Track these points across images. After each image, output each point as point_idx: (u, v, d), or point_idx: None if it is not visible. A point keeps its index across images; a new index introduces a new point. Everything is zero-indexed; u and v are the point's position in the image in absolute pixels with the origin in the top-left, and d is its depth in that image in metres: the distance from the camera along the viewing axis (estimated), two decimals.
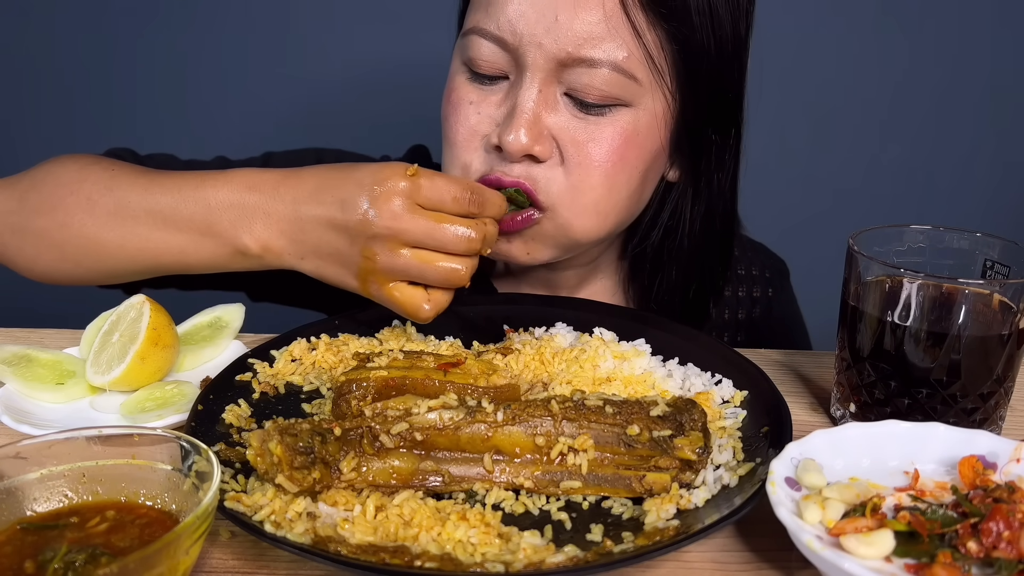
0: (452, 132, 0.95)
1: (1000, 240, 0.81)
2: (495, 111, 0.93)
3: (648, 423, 0.69)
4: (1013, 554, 0.56)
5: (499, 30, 0.89)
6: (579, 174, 0.91)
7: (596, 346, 0.86)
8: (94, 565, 0.53)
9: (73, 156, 0.98)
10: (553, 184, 0.92)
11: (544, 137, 0.90)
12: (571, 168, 0.91)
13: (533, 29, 0.88)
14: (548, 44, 0.88)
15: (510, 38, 0.89)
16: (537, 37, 0.88)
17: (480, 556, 0.59)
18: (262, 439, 0.63)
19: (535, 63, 0.89)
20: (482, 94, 0.94)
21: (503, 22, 0.89)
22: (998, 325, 0.75)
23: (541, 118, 0.90)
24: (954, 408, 0.76)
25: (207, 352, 0.93)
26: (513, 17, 0.88)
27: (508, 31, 0.89)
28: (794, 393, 0.91)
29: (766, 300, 1.21)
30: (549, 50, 0.88)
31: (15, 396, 0.82)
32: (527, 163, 0.92)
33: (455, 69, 0.97)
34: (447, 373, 0.74)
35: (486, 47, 0.91)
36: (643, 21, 0.88)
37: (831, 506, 0.60)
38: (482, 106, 0.93)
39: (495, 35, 0.90)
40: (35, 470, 0.60)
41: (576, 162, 0.91)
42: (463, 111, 0.94)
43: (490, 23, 0.90)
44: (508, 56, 0.91)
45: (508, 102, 0.92)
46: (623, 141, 0.91)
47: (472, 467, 0.68)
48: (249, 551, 0.63)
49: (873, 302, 0.78)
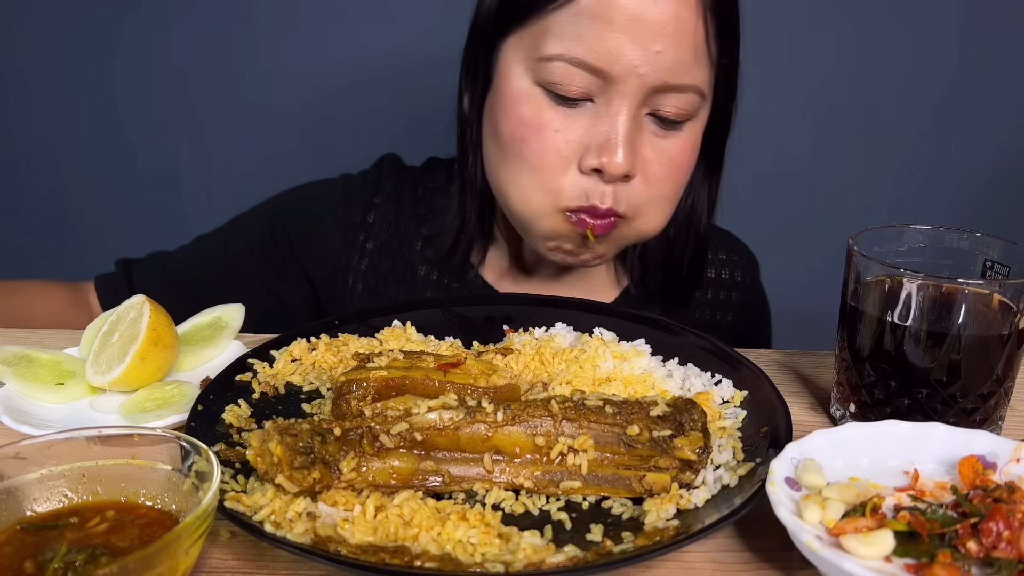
0: (538, 157, 0.97)
1: (1000, 240, 0.81)
2: (583, 135, 0.96)
3: (648, 423, 0.69)
4: (1013, 554, 0.56)
5: (596, 60, 0.92)
6: (658, 186, 1.00)
7: (596, 346, 0.86)
8: (94, 565, 0.53)
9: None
10: (634, 197, 0.99)
11: (636, 158, 0.96)
12: (651, 182, 0.99)
13: (632, 60, 0.92)
14: (647, 74, 0.92)
15: (608, 68, 0.92)
16: (637, 68, 0.92)
17: (480, 556, 0.59)
18: (262, 439, 0.63)
19: (631, 91, 0.93)
20: (568, 119, 0.96)
21: (601, 52, 0.91)
22: (998, 325, 0.75)
23: (633, 140, 0.96)
24: (954, 408, 0.76)
25: (207, 352, 0.93)
26: (612, 48, 0.91)
27: (606, 61, 0.92)
28: (794, 393, 0.91)
29: (744, 286, 1.27)
30: (648, 79, 0.93)
31: (15, 396, 0.82)
32: (618, 182, 0.97)
33: (524, 89, 0.97)
34: (447, 373, 0.74)
35: (577, 74, 0.93)
36: (715, 49, 0.97)
37: (831, 506, 0.60)
38: (569, 132, 0.96)
39: (591, 65, 0.92)
40: (35, 470, 0.60)
41: (657, 177, 0.99)
42: (550, 137, 0.96)
43: (582, 51, 0.92)
44: (599, 82, 0.94)
45: (600, 126, 0.95)
46: (690, 151, 1.02)
47: (472, 467, 0.68)
48: (249, 551, 0.63)
49: (873, 302, 0.78)
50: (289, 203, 1.26)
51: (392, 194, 1.23)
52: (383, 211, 1.22)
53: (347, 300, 1.22)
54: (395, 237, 1.21)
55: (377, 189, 1.23)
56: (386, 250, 1.21)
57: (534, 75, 0.96)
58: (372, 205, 1.22)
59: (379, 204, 1.23)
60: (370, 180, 1.25)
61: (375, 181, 1.24)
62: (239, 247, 1.24)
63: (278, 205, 1.27)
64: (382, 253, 1.21)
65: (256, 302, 1.03)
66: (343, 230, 1.22)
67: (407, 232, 1.21)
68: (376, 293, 1.21)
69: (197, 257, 1.26)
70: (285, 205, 1.26)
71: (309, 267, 1.23)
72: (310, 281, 1.25)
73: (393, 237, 1.21)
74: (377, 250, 1.21)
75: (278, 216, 1.24)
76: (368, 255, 1.21)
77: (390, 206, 1.23)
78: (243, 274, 1.24)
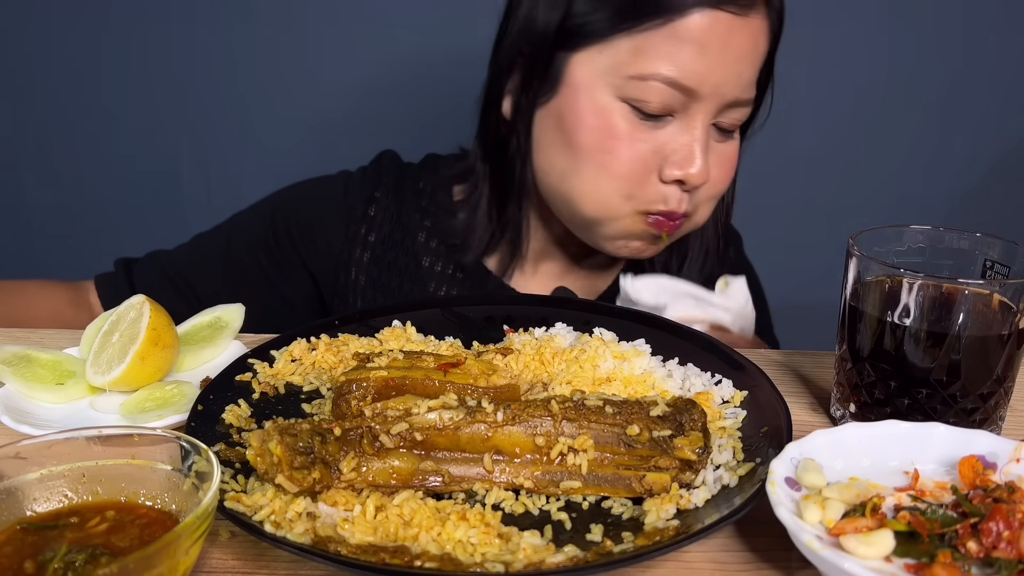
0: (620, 166, 1.04)
1: (1000, 240, 0.81)
2: (662, 146, 1.03)
3: (648, 423, 0.68)
4: (1013, 554, 0.56)
5: (686, 80, 0.99)
6: (718, 187, 1.10)
7: (596, 346, 0.86)
8: (94, 565, 0.53)
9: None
10: (696, 198, 1.08)
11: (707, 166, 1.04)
12: (714, 184, 1.08)
13: (720, 82, 1.00)
14: (727, 92, 1.01)
15: (698, 88, 1.00)
16: (719, 88, 1.00)
17: (480, 556, 0.59)
18: (262, 439, 0.63)
19: (710, 108, 1.02)
20: (651, 132, 1.03)
21: (692, 73, 0.99)
22: (998, 325, 0.75)
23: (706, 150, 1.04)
24: (954, 408, 0.76)
25: (207, 352, 0.93)
26: (704, 71, 0.99)
27: (696, 82, 0.99)
28: (794, 393, 0.91)
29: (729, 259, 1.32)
30: (725, 97, 1.02)
31: (15, 396, 0.82)
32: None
33: (607, 104, 1.03)
34: (447, 373, 0.74)
35: (665, 92, 1.00)
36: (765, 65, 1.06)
37: (831, 506, 0.60)
38: (654, 143, 1.03)
39: (683, 85, 0.99)
40: (35, 470, 0.60)
41: (716, 179, 1.08)
42: (634, 147, 1.03)
43: (675, 71, 0.99)
44: (683, 98, 1.01)
45: (682, 138, 1.03)
46: (736, 155, 1.11)
47: (472, 467, 0.68)
48: (249, 551, 0.63)
49: (873, 302, 0.78)
50: (289, 199, 1.27)
51: (392, 188, 1.24)
52: (384, 204, 1.24)
53: (350, 293, 1.23)
54: (398, 229, 1.23)
55: (377, 183, 1.25)
56: (389, 242, 1.23)
57: (618, 91, 1.02)
58: (373, 199, 1.24)
59: (380, 198, 1.24)
60: (369, 175, 1.26)
61: (375, 176, 1.26)
62: (240, 245, 1.25)
63: (278, 202, 1.27)
64: (385, 245, 1.23)
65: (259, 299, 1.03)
66: (344, 223, 1.23)
67: (410, 224, 1.23)
68: (380, 285, 1.22)
69: (198, 256, 1.26)
70: (285, 202, 1.27)
71: (311, 262, 1.24)
72: (312, 277, 1.25)
73: (396, 229, 1.23)
74: (380, 242, 1.23)
75: (278, 213, 1.25)
76: (371, 247, 1.22)
77: (391, 199, 1.24)
78: (245, 272, 1.24)
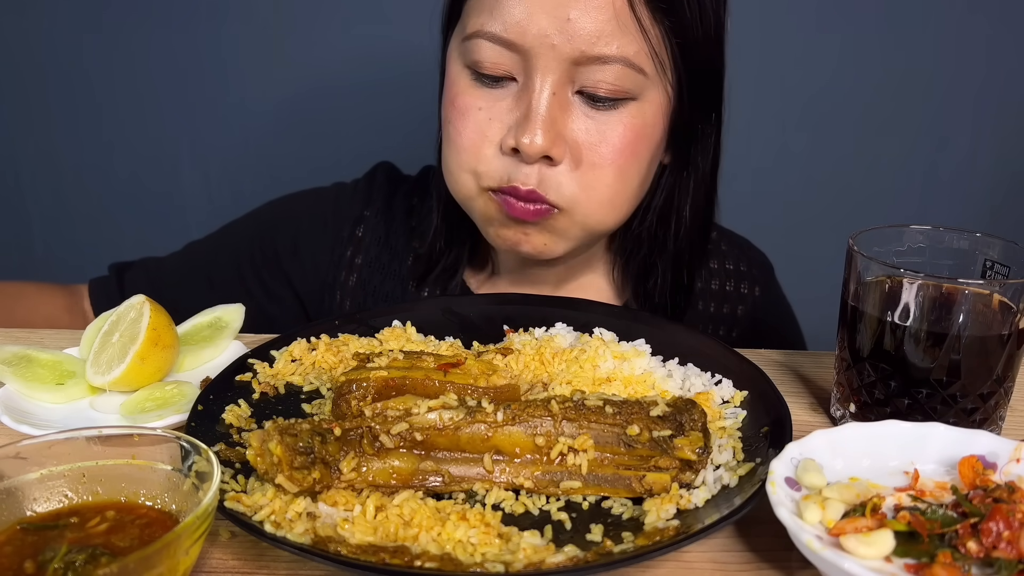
0: (460, 137, 0.95)
1: (1000, 240, 0.81)
2: (506, 115, 0.93)
3: (648, 423, 0.69)
4: (1013, 554, 0.56)
5: (507, 32, 0.89)
6: (594, 173, 0.93)
7: (596, 346, 0.86)
8: (94, 565, 0.53)
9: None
10: (566, 187, 0.93)
11: (560, 139, 0.91)
12: (585, 169, 0.93)
13: (544, 30, 0.88)
14: (561, 44, 0.88)
15: (519, 40, 0.89)
16: (549, 39, 0.88)
17: (480, 556, 0.59)
18: (262, 439, 0.63)
19: (547, 65, 0.89)
20: (490, 98, 0.93)
21: (511, 24, 0.89)
22: (998, 325, 0.75)
23: (556, 119, 0.91)
24: (954, 408, 0.76)
25: (207, 352, 0.93)
26: (522, 19, 0.88)
27: (516, 33, 0.89)
28: (794, 393, 0.91)
29: (752, 299, 1.21)
30: (562, 50, 0.88)
31: (15, 396, 0.82)
32: (541, 164, 0.93)
33: (456, 73, 0.96)
34: (447, 373, 0.74)
35: (493, 50, 0.91)
36: (647, 17, 0.90)
37: (831, 506, 0.60)
38: (492, 111, 0.93)
39: (503, 38, 0.89)
40: (35, 470, 0.60)
41: (591, 162, 0.93)
42: (472, 116, 0.94)
43: (496, 26, 0.89)
44: (517, 58, 0.91)
45: (521, 104, 0.92)
46: (634, 135, 0.94)
47: (472, 467, 0.68)
48: (249, 551, 0.63)
49: (873, 302, 0.78)
50: (277, 216, 1.23)
51: (383, 207, 1.20)
52: (373, 224, 1.19)
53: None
54: (385, 252, 1.18)
55: (367, 201, 1.20)
56: (375, 265, 1.18)
57: (462, 57, 0.95)
58: (362, 218, 1.19)
59: (368, 217, 1.19)
60: (360, 191, 1.22)
61: (366, 192, 1.21)
62: (226, 261, 1.22)
63: (266, 219, 1.24)
64: (371, 269, 1.18)
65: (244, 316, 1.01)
66: (331, 245, 1.19)
67: (397, 248, 1.18)
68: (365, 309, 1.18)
69: (186, 268, 1.24)
70: (273, 220, 1.23)
71: (297, 282, 1.21)
72: (298, 297, 1.22)
73: (383, 252, 1.18)
74: (367, 265, 1.18)
75: (266, 231, 1.21)
76: (357, 271, 1.18)
77: (380, 219, 1.19)
78: (230, 288, 1.21)
